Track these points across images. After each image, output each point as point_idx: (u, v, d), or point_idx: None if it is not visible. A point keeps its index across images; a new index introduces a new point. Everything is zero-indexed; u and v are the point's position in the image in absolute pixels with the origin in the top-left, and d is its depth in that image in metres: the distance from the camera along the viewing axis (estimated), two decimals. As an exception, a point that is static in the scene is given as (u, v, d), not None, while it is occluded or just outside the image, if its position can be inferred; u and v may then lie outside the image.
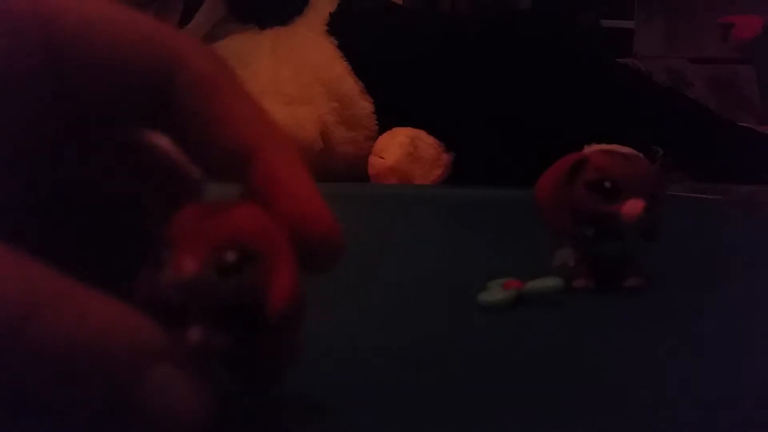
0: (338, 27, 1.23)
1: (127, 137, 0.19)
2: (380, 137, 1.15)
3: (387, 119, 1.17)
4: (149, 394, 0.14)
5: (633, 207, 0.35)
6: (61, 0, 0.17)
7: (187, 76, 0.18)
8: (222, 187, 0.17)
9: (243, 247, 0.16)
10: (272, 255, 0.17)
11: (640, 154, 0.37)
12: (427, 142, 1.11)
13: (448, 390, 0.23)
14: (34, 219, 0.19)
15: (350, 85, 1.18)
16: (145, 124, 0.19)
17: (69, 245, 0.19)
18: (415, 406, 0.22)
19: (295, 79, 1.17)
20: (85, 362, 0.14)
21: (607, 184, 0.35)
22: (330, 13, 1.25)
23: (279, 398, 0.21)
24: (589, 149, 0.37)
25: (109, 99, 0.18)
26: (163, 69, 0.18)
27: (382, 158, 1.11)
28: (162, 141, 0.19)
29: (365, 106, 1.18)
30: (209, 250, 0.16)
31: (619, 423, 0.21)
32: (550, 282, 0.34)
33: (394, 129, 1.14)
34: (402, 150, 1.10)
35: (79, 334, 0.14)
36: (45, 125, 0.18)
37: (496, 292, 0.34)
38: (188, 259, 0.16)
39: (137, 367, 0.14)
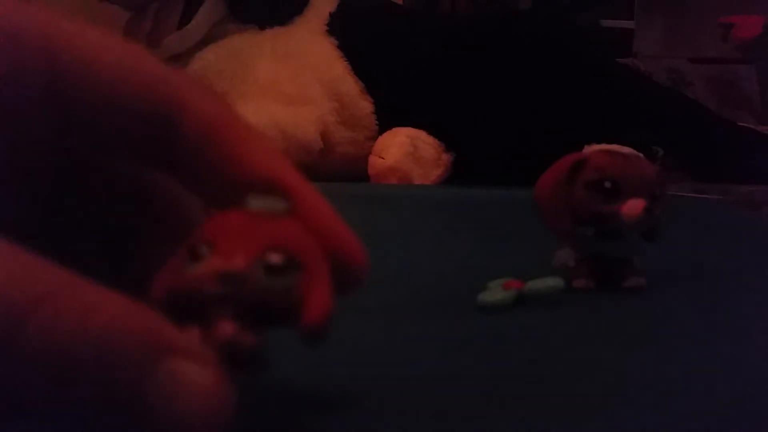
0: (338, 27, 1.22)
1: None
2: (380, 137, 1.15)
3: (387, 119, 1.17)
4: (157, 391, 0.14)
5: (633, 207, 0.35)
6: (70, 35, 0.17)
7: (192, 118, 0.18)
8: (265, 201, 0.18)
9: (289, 254, 0.16)
10: (313, 269, 0.17)
11: (640, 154, 0.37)
12: (427, 142, 1.11)
13: (447, 390, 0.23)
14: (35, 222, 0.19)
15: (350, 85, 1.18)
16: (151, 161, 0.19)
17: (70, 247, 0.19)
18: (414, 405, 0.22)
19: (295, 79, 1.17)
20: (88, 359, 0.13)
21: (607, 184, 0.35)
22: (330, 13, 1.24)
23: (277, 398, 0.21)
24: (589, 149, 0.37)
25: (110, 135, 0.18)
26: (165, 110, 0.18)
27: (382, 158, 1.11)
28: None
29: (365, 106, 1.18)
30: (257, 249, 0.16)
31: (619, 423, 0.21)
32: (550, 282, 0.34)
33: (394, 129, 1.14)
34: (402, 150, 1.09)
35: (82, 329, 0.13)
36: (43, 153, 0.18)
37: (496, 292, 0.34)
38: (238, 253, 0.16)
39: (144, 363, 0.14)
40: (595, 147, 0.37)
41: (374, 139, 1.16)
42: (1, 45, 0.16)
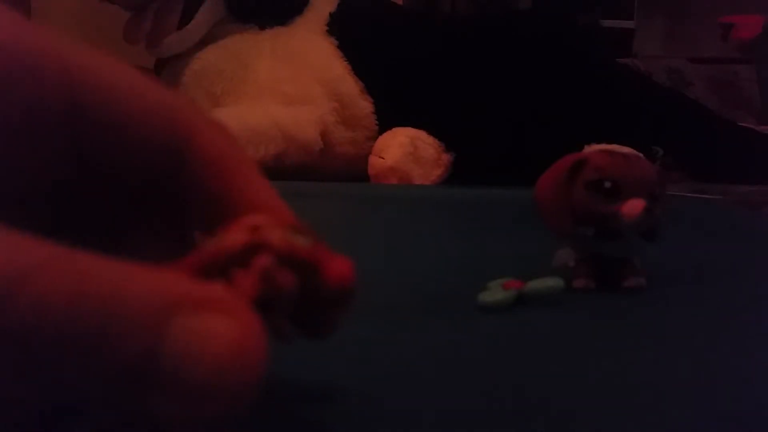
0: (338, 27, 1.23)
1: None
2: (380, 137, 1.15)
3: (387, 119, 1.17)
4: (174, 352, 0.12)
5: (633, 207, 0.35)
6: (87, 66, 0.18)
7: (198, 148, 0.19)
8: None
9: (308, 228, 0.18)
10: (329, 248, 0.18)
11: (640, 154, 0.37)
12: (427, 142, 1.11)
13: (447, 390, 0.23)
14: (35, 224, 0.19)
15: (350, 85, 1.18)
16: (156, 184, 0.19)
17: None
18: (414, 405, 0.22)
19: (295, 79, 1.17)
20: (90, 327, 0.12)
21: (607, 184, 0.35)
22: (330, 13, 1.25)
23: (276, 396, 0.21)
24: (589, 149, 0.37)
25: (122, 161, 0.19)
26: (175, 140, 0.19)
27: (382, 158, 1.11)
28: None
29: (365, 106, 1.18)
30: (279, 222, 0.17)
31: (619, 423, 0.21)
32: (550, 282, 0.34)
33: (394, 129, 1.14)
34: (402, 150, 1.09)
35: (79, 296, 0.12)
36: (53, 175, 0.18)
37: (496, 292, 0.34)
38: (263, 220, 0.17)
39: (155, 323, 0.13)
40: (595, 147, 0.37)
41: (374, 139, 1.16)
42: (20, 76, 0.16)
